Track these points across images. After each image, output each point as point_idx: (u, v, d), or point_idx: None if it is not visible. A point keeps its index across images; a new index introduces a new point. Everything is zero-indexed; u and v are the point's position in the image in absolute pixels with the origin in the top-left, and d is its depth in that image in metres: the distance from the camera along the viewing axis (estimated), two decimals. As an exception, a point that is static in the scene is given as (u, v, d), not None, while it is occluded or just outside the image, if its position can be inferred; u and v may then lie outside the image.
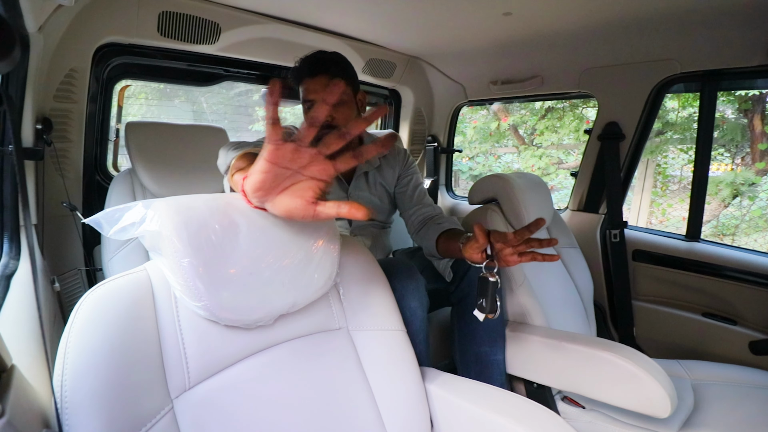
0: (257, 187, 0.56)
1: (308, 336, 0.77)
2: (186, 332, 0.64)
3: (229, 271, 0.64)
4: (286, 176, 0.56)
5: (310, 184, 0.57)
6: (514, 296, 1.18)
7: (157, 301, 0.64)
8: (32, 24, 0.84)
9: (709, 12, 1.19)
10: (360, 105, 1.17)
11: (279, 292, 0.70)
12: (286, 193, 0.57)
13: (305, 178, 0.57)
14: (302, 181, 0.57)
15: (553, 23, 1.35)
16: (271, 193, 0.57)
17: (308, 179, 0.57)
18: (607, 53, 1.48)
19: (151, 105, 5.41)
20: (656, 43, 1.36)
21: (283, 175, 0.56)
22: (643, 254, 1.58)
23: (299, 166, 0.55)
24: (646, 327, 1.57)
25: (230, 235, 0.65)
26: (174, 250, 0.60)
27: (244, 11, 1.33)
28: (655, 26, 1.29)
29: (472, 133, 5.13)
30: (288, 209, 0.58)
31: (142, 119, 1.35)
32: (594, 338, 1.03)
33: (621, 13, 1.24)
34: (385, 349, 0.83)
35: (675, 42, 1.34)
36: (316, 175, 0.56)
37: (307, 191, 0.56)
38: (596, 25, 1.34)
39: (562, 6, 1.20)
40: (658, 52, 1.38)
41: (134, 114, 5.05)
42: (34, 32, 0.87)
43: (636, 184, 4.21)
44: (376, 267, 0.89)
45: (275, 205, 0.58)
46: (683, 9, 1.19)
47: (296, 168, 0.55)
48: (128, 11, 1.15)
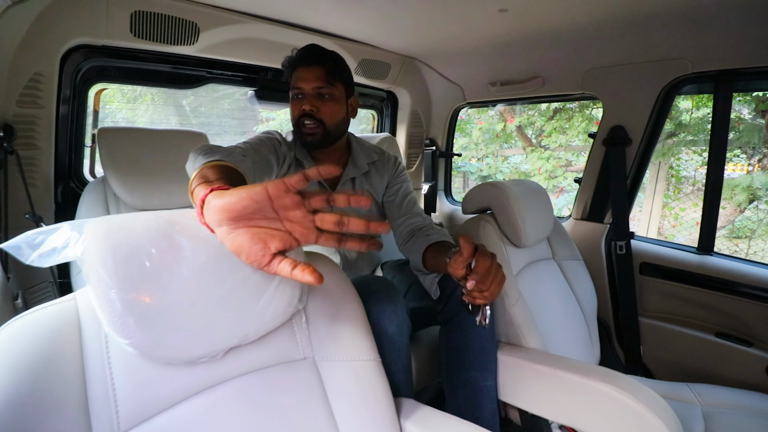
0: (233, 207, 0.48)
1: (266, 369, 0.69)
2: (117, 371, 0.57)
3: (165, 302, 0.56)
4: (268, 216, 0.50)
5: (283, 237, 0.50)
6: (507, 315, 1.09)
7: (84, 335, 0.57)
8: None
9: (722, 7, 1.09)
10: (351, 109, 1.11)
11: (227, 324, 0.62)
12: (250, 231, 0.50)
13: (284, 230, 0.51)
14: (276, 230, 0.51)
15: (553, 20, 1.26)
16: (239, 221, 0.50)
17: (284, 232, 0.51)
18: (613, 52, 1.38)
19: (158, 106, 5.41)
20: (666, 41, 1.25)
21: (267, 214, 0.50)
22: (651, 267, 1.47)
23: (287, 218, 0.50)
24: (654, 346, 1.46)
25: (169, 260, 0.57)
26: (98, 279, 0.53)
27: (223, 10, 1.26)
28: (665, 23, 1.19)
29: (477, 134, 5.02)
30: (241, 247, 0.50)
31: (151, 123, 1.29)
32: (593, 367, 0.93)
33: (627, 9, 1.14)
34: (355, 382, 0.74)
35: (686, 40, 1.23)
36: (296, 234, 0.51)
37: (274, 241, 0.50)
38: (600, 22, 1.24)
39: (561, 2, 1.11)
40: (668, 50, 1.27)
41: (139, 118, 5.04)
42: (-20, 35, 0.81)
43: (647, 188, 4.06)
44: (349, 288, 0.81)
45: (232, 236, 0.51)
46: (695, 4, 1.08)
47: (283, 217, 0.50)
48: (96, 11, 1.08)
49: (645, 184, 4.08)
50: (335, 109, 1.05)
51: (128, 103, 5.22)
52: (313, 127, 1.03)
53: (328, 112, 1.03)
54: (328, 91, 1.03)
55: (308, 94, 1.02)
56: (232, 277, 0.63)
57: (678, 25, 1.19)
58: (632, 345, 1.46)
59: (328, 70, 1.02)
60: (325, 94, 1.03)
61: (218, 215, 0.50)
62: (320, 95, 1.03)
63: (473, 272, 0.70)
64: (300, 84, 1.03)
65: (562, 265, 1.36)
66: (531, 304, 1.15)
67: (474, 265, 0.71)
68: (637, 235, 1.51)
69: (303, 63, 1.03)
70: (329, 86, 1.02)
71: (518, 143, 5.20)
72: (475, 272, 0.70)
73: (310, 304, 0.75)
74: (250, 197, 0.48)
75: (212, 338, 0.61)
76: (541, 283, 1.26)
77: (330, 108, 1.03)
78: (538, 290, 1.22)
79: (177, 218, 0.62)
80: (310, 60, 1.02)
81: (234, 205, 0.48)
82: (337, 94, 1.04)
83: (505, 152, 5.41)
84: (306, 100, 1.02)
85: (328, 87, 1.02)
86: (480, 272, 0.69)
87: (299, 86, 1.03)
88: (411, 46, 1.68)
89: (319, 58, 1.03)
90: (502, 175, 5.24)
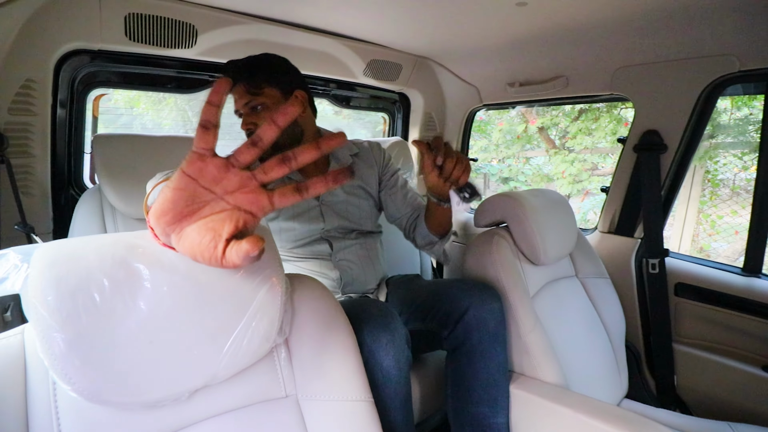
0: (165, 209, 0.42)
1: (241, 409, 0.62)
2: (64, 416, 0.50)
3: (117, 341, 0.49)
4: (204, 200, 0.42)
5: (233, 215, 0.42)
6: (521, 344, 0.98)
7: (29, 376, 0.50)
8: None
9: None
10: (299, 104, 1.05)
11: (192, 363, 0.54)
12: (197, 225, 0.42)
13: (229, 208, 0.42)
14: (223, 211, 0.42)
15: (578, 14, 1.14)
16: (180, 221, 0.42)
17: (232, 209, 0.42)
18: (646, 49, 1.24)
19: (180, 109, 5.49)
20: (708, 35, 1.11)
21: (202, 197, 0.42)
22: (688, 289, 1.32)
23: (224, 190, 0.42)
24: (690, 377, 1.31)
25: (124, 292, 0.50)
26: (38, 318, 0.46)
27: (221, 11, 1.20)
28: (708, 15, 1.05)
29: (498, 136, 4.86)
30: (192, 247, 0.42)
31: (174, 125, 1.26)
32: (620, 412, 0.82)
33: (663, 0, 1.01)
34: (342, 426, 0.66)
35: (732, 34, 1.08)
36: (244, 206, 0.42)
37: (223, 224, 0.41)
38: (632, 16, 1.11)
39: None
40: (711, 46, 1.13)
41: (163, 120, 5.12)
42: (-44, 40, 0.77)
43: (681, 193, 3.81)
44: (338, 314, 0.72)
45: (181, 239, 0.43)
46: None
47: (220, 192, 0.42)
48: (89, 15, 1.04)
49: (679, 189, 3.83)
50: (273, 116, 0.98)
51: (154, 105, 5.33)
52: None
53: None
54: (255, 102, 0.98)
55: (243, 113, 0.99)
56: (199, 310, 0.55)
57: (724, 18, 1.04)
58: (665, 374, 1.32)
59: (247, 83, 0.97)
60: (255, 106, 0.98)
61: (159, 225, 0.43)
62: (253, 109, 0.98)
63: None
64: (235, 107, 1.00)
65: (586, 283, 1.23)
66: (550, 328, 1.04)
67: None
68: (672, 252, 1.36)
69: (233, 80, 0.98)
70: (255, 97, 0.97)
71: (541, 145, 5.01)
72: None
73: (294, 335, 0.67)
74: (174, 188, 0.41)
75: (173, 380, 0.53)
76: (562, 304, 1.14)
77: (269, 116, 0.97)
78: (559, 312, 1.11)
79: (139, 242, 0.55)
80: (235, 78, 0.97)
81: (164, 205, 0.41)
82: (268, 101, 0.98)
83: (527, 154, 5.23)
84: (243, 120, 0.99)
85: (254, 98, 0.97)
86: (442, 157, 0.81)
87: (236, 109, 1.01)
88: (423, 46, 1.59)
89: (235, 75, 0.97)
90: (525, 176, 5.07)
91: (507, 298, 0.99)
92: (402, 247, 1.66)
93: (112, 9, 1.06)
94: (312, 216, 1.09)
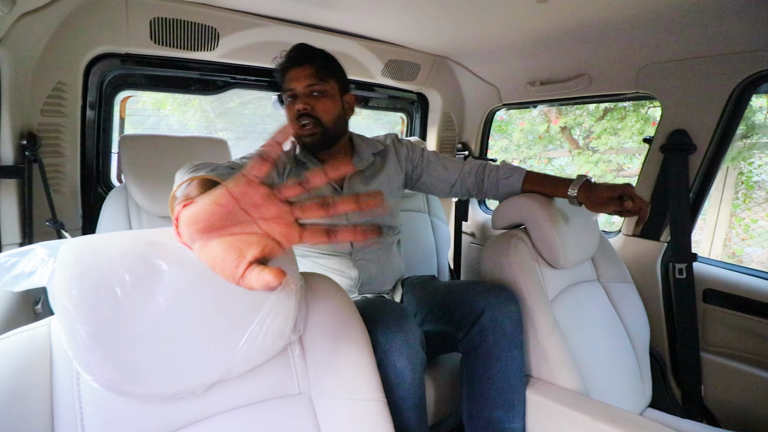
0: (199, 218, 0.43)
1: (256, 404, 0.63)
2: (87, 406, 0.52)
3: (137, 334, 0.51)
4: (239, 220, 0.43)
5: (261, 241, 0.43)
6: (539, 348, 0.96)
7: (55, 366, 0.52)
8: (-14, 38, 0.78)
9: None
10: (348, 107, 1.08)
11: (208, 358, 0.56)
12: (224, 240, 0.44)
13: (260, 233, 0.44)
14: (253, 235, 0.44)
15: (601, 11, 1.10)
16: (210, 232, 0.44)
17: (263, 235, 0.44)
18: (674, 45, 1.19)
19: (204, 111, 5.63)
20: (740, 30, 1.06)
21: (238, 217, 0.43)
22: (717, 295, 1.26)
23: (261, 216, 0.43)
24: (719, 387, 1.25)
25: (144, 287, 0.52)
26: (62, 310, 0.48)
27: (242, 14, 1.23)
28: (740, 9, 1.00)
29: (519, 136, 4.78)
30: (215, 260, 0.44)
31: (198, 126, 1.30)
32: (641, 421, 0.79)
33: None
34: (354, 424, 0.66)
35: (766, 30, 1.03)
36: (275, 235, 0.44)
37: (250, 248, 0.43)
38: (659, 12, 1.07)
39: None
40: (743, 41, 1.08)
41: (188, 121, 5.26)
42: (-7, 46, 0.81)
43: (712, 195, 3.66)
44: (352, 314, 0.73)
45: (205, 249, 0.44)
46: None
47: (257, 217, 0.43)
48: (116, 20, 1.08)
49: (711, 191, 3.67)
50: (330, 105, 1.01)
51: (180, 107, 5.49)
52: (310, 127, 0.99)
53: (323, 109, 1.00)
54: (320, 87, 0.99)
55: (301, 93, 1.00)
56: (215, 306, 0.56)
57: (756, 13, 1.00)
58: (692, 384, 1.26)
59: (318, 68, 1.00)
60: (317, 92, 1.00)
61: (188, 229, 0.44)
62: (312, 93, 1.00)
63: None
64: (292, 85, 1.00)
65: (609, 288, 1.20)
66: (570, 333, 1.01)
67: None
68: (701, 256, 1.30)
69: (293, 64, 1.01)
70: (321, 83, 0.99)
71: (564, 145, 4.89)
72: None
73: (308, 333, 0.68)
74: (215, 202, 0.42)
75: (190, 374, 0.55)
76: (583, 309, 1.11)
77: (324, 104, 1.00)
78: (579, 317, 1.08)
79: (159, 239, 0.57)
80: (300, 60, 1.01)
81: (200, 214, 0.42)
82: (330, 91, 1.01)
83: (549, 154, 5.11)
84: (299, 99, 0.99)
85: (320, 84, 0.99)
86: None
87: (291, 87, 1.00)
88: (442, 45, 1.57)
89: (308, 57, 1.01)
90: (547, 178, 4.95)
91: (524, 301, 0.97)
92: (419, 249, 1.66)
93: (138, 14, 1.10)
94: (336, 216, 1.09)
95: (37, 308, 1.05)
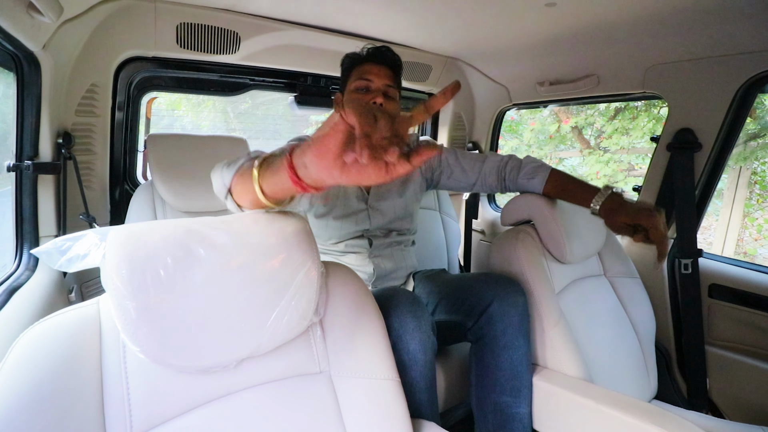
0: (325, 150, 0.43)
1: (280, 381, 0.68)
2: (132, 376, 0.58)
3: (178, 311, 0.57)
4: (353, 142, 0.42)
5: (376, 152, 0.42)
6: (545, 338, 1.00)
7: (104, 340, 0.58)
8: (34, 44, 0.84)
9: None
10: None
11: (239, 335, 0.61)
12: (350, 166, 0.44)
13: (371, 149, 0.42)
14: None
15: (608, 13, 1.14)
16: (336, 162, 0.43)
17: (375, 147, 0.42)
18: (680, 46, 1.22)
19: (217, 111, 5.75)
20: (745, 31, 1.09)
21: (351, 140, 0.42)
22: (722, 290, 1.29)
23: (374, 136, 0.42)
24: (724, 380, 1.28)
25: (184, 269, 0.58)
26: (113, 288, 0.54)
27: (262, 18, 1.29)
28: (744, 11, 1.03)
29: (529, 136, 4.79)
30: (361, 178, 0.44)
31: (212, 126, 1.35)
32: (643, 405, 0.82)
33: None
34: (371, 401, 0.71)
35: None
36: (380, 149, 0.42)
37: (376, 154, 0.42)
38: (665, 14, 1.10)
39: None
40: (748, 42, 1.10)
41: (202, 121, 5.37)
42: (39, 51, 0.88)
43: (725, 195, 3.63)
44: (369, 301, 0.78)
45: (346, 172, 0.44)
46: None
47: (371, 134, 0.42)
48: (145, 25, 1.14)
49: (723, 191, 3.65)
50: (396, 109, 1.05)
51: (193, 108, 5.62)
52: None
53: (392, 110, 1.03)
54: (393, 92, 1.05)
55: (377, 88, 1.04)
56: (246, 288, 0.62)
57: (760, 14, 1.02)
58: (697, 377, 1.29)
59: (395, 73, 1.06)
60: (391, 95, 1.05)
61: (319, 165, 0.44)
62: (387, 93, 1.04)
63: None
64: (370, 77, 1.04)
65: (615, 282, 1.23)
66: (576, 326, 1.05)
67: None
68: (706, 252, 1.33)
69: (374, 60, 1.06)
70: (394, 87, 1.05)
71: (575, 145, 4.88)
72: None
73: (328, 316, 0.73)
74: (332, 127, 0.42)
75: (224, 349, 0.60)
76: (589, 303, 1.14)
77: (393, 107, 1.05)
78: (585, 310, 1.11)
79: (196, 227, 0.63)
80: (382, 59, 1.06)
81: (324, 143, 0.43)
82: (396, 98, 1.08)
83: (561, 154, 5.11)
84: (375, 94, 1.03)
85: (394, 88, 1.05)
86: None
87: (369, 78, 1.04)
88: (453, 47, 1.62)
89: (390, 60, 1.07)
90: (558, 177, 4.95)
91: (531, 293, 1.01)
92: (431, 245, 1.70)
93: (166, 19, 1.16)
94: (360, 218, 1.14)
95: (71, 297, 1.12)
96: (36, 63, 0.90)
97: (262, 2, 1.18)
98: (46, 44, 0.89)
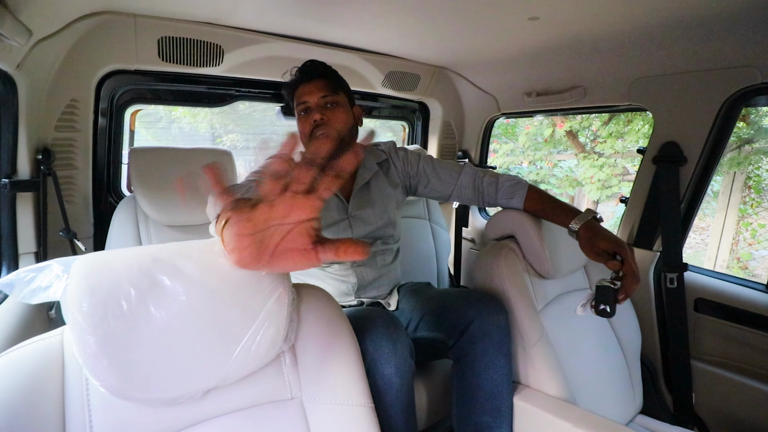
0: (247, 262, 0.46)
1: (250, 408, 0.67)
2: (96, 409, 0.57)
3: (140, 343, 0.56)
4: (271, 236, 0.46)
5: (300, 229, 0.46)
6: (526, 356, 0.99)
7: (66, 373, 0.58)
8: (6, 64, 0.84)
9: None
10: (357, 118, 1.13)
11: (205, 365, 0.60)
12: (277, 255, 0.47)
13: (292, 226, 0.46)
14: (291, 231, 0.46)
15: (592, 27, 1.13)
16: (260, 260, 0.47)
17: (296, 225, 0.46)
18: (664, 59, 1.22)
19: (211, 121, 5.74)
20: (728, 47, 1.08)
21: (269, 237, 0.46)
22: (708, 305, 1.28)
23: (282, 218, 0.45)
24: (709, 395, 1.27)
25: (147, 300, 0.57)
26: (74, 321, 0.53)
27: (246, 31, 1.28)
28: (728, 27, 1.03)
29: (524, 139, 4.79)
30: (287, 269, 0.49)
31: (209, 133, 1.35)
32: (623, 429, 0.82)
33: (679, 13, 0.99)
34: (343, 428, 0.70)
35: (754, 45, 1.05)
36: (304, 218, 0.46)
37: (299, 239, 0.46)
38: (648, 28, 1.10)
39: (597, 8, 0.99)
40: (732, 58, 1.10)
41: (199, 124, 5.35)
42: (13, 71, 0.87)
43: (719, 200, 3.63)
44: (343, 324, 0.77)
45: (273, 269, 0.49)
46: (764, 4, 0.92)
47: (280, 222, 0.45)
48: (126, 39, 1.13)
49: (717, 196, 3.65)
50: (343, 115, 1.06)
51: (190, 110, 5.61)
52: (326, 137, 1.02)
53: (338, 119, 1.05)
54: (333, 99, 1.05)
55: (315, 105, 1.04)
56: (213, 317, 0.61)
57: (744, 30, 1.02)
58: (682, 391, 1.28)
59: (329, 81, 1.05)
60: (331, 103, 1.05)
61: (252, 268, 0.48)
62: (326, 105, 1.05)
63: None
64: (305, 98, 1.05)
65: (600, 296, 1.22)
66: (559, 341, 1.04)
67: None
68: (692, 266, 1.32)
69: (305, 79, 1.06)
70: (333, 94, 1.05)
71: (570, 148, 4.89)
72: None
73: (300, 341, 0.72)
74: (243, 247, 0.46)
75: (189, 380, 0.59)
76: (574, 318, 1.13)
77: (338, 114, 1.05)
78: (569, 325, 1.11)
79: (164, 255, 0.62)
80: (311, 75, 1.06)
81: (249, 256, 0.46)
82: (341, 102, 1.07)
83: (556, 157, 5.12)
84: (314, 111, 1.04)
85: (333, 95, 1.05)
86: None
87: (304, 100, 1.05)
88: (441, 57, 1.61)
89: (319, 71, 1.07)
90: (556, 179, 4.96)
91: (512, 311, 1.00)
92: (419, 255, 1.70)
93: (147, 33, 1.15)
94: (341, 228, 1.13)
95: (51, 313, 1.11)
96: (11, 82, 0.90)
97: (244, 15, 1.18)
98: (20, 64, 0.88)
